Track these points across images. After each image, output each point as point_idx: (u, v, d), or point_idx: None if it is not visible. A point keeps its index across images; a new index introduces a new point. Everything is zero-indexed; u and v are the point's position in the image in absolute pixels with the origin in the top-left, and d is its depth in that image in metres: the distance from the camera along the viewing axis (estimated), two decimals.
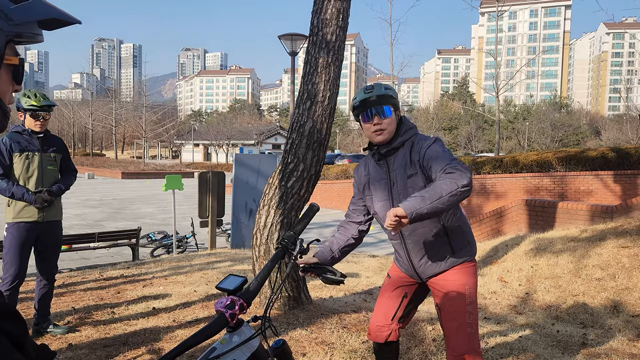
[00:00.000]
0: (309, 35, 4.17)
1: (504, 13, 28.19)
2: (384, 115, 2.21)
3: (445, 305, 2.27)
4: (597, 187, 12.84)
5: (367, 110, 2.23)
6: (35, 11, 0.87)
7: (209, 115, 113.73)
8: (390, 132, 2.24)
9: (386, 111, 2.21)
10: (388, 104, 2.22)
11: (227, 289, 1.33)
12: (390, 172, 2.28)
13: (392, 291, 2.45)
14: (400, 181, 2.24)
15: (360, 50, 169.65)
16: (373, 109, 2.21)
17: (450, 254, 2.26)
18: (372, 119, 2.22)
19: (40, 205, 3.74)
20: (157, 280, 5.74)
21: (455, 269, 2.26)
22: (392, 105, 2.23)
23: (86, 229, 13.02)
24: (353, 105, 2.29)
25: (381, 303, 2.46)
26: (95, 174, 41.29)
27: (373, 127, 2.23)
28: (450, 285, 2.25)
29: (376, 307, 2.49)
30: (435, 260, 2.27)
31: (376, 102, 2.21)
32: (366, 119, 2.24)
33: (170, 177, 9.48)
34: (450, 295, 2.25)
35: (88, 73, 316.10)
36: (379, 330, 2.42)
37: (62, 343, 3.62)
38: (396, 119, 2.27)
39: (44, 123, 3.83)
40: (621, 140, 51.06)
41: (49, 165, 3.88)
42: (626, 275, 5.20)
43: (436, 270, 2.29)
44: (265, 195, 4.24)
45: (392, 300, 2.43)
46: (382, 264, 7.50)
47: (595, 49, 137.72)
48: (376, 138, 2.25)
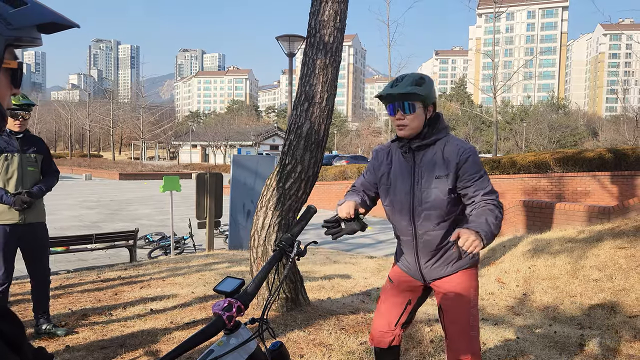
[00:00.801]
0: (307, 37, 4.17)
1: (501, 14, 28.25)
2: (408, 111, 2.18)
3: (449, 307, 2.27)
4: (594, 188, 12.87)
5: (392, 103, 2.20)
6: (34, 15, 0.87)
7: (206, 116, 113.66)
8: (413, 129, 2.20)
9: (410, 107, 2.17)
10: (412, 100, 2.17)
11: (224, 291, 1.33)
12: (416, 167, 2.24)
13: (394, 297, 2.41)
14: (426, 179, 2.21)
15: (358, 51, 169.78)
16: (397, 103, 2.18)
17: (458, 258, 2.25)
18: (394, 114, 2.20)
19: (20, 207, 3.68)
20: (154, 282, 5.73)
21: (461, 273, 2.26)
22: (420, 101, 2.18)
23: (83, 230, 12.99)
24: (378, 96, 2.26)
25: (384, 309, 2.42)
26: (93, 175, 41.18)
27: (396, 122, 2.21)
28: (455, 288, 2.24)
29: (378, 313, 2.45)
30: (443, 263, 2.27)
31: (399, 97, 2.17)
32: (391, 112, 2.22)
33: (168, 178, 9.47)
34: (454, 298, 2.24)
35: (85, 74, 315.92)
36: (382, 337, 2.39)
37: (59, 345, 3.61)
38: (426, 114, 2.22)
39: (23, 123, 3.77)
40: (618, 141, 51.15)
41: (29, 166, 3.82)
42: (623, 276, 5.21)
43: (442, 273, 2.28)
44: (263, 196, 4.24)
45: (395, 307, 2.39)
46: (380, 265, 7.50)
47: (592, 50, 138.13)
48: (399, 132, 2.23)
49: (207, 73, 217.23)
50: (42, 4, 0.90)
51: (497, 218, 2.04)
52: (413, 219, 2.24)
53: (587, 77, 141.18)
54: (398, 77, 2.24)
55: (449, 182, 2.16)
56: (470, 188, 2.14)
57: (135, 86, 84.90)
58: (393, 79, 2.24)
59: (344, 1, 4.10)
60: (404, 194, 2.25)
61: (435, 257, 2.26)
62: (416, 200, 2.22)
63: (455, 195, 2.19)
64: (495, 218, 2.03)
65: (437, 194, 2.18)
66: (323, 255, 8.58)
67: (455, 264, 2.26)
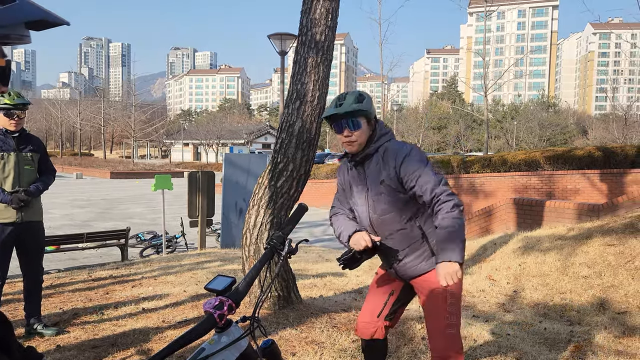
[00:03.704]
0: (298, 35, 4.17)
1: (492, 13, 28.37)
2: (354, 127, 2.24)
3: (426, 305, 2.31)
4: (584, 185, 12.99)
5: (337, 122, 2.26)
6: (22, 12, 0.87)
7: (198, 114, 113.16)
8: (362, 143, 2.28)
9: (356, 124, 2.23)
10: (358, 116, 2.23)
11: (215, 289, 1.34)
12: (366, 178, 2.31)
13: (379, 288, 2.48)
14: (373, 187, 2.28)
15: (350, 49, 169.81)
16: (343, 121, 2.24)
17: (430, 255, 2.27)
18: (342, 131, 2.26)
19: (17, 206, 3.68)
20: (146, 281, 5.71)
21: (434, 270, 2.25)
22: (363, 116, 2.24)
23: (74, 229, 12.91)
24: (324, 116, 2.31)
25: (369, 300, 2.49)
26: (84, 174, 40.91)
27: (344, 139, 2.27)
28: (431, 286, 2.26)
29: (364, 303, 2.52)
30: (413, 262, 2.29)
31: (345, 116, 2.23)
32: (338, 130, 2.28)
33: (160, 177, 9.43)
34: (430, 296, 2.27)
35: (76, 72, 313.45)
36: (364, 327, 2.45)
37: (50, 344, 3.59)
38: (370, 127, 2.28)
39: (19, 122, 3.75)
40: (607, 140, 51.61)
41: (26, 165, 3.82)
42: (612, 273, 5.27)
43: (416, 272, 2.30)
44: (255, 195, 4.24)
45: (378, 297, 2.45)
46: (371, 262, 7.52)
47: (582, 49, 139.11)
48: (348, 149, 2.31)
49: (198, 71, 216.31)
50: (31, 1, 0.90)
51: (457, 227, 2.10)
52: (372, 227, 2.32)
53: (577, 75, 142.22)
54: (339, 96, 2.29)
55: (394, 185, 2.22)
56: (415, 187, 2.19)
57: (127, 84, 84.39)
58: (335, 99, 2.29)
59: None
60: (361, 205, 2.35)
61: (405, 257, 2.30)
62: (371, 209, 2.30)
63: (404, 195, 2.24)
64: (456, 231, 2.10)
65: (386, 199, 2.25)
66: (315, 254, 8.59)
67: (429, 260, 2.27)
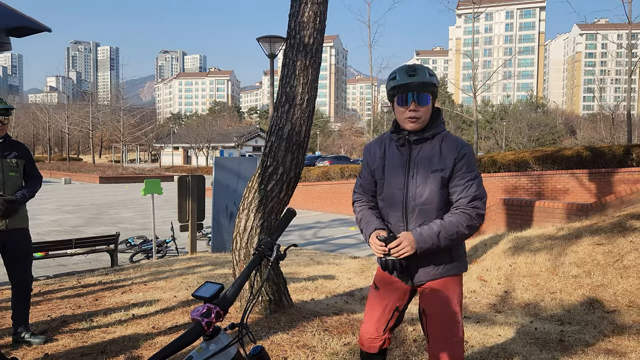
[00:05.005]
0: (287, 38, 4.16)
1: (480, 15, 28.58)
2: (423, 103, 2.08)
3: (432, 312, 2.19)
4: (572, 185, 13.10)
5: (405, 93, 2.08)
6: (2, 19, 0.86)
7: (188, 118, 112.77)
8: (424, 122, 2.12)
9: (426, 99, 2.08)
10: (429, 91, 2.08)
11: (203, 297, 1.32)
12: (411, 161, 2.15)
13: (382, 304, 2.30)
14: (421, 174, 2.13)
15: (340, 52, 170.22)
16: (412, 93, 2.07)
17: (448, 261, 2.18)
18: (408, 104, 2.08)
19: (2, 207, 3.61)
20: (136, 286, 5.66)
21: (448, 279, 2.19)
22: (432, 93, 2.10)
23: (63, 235, 12.79)
24: (392, 85, 2.11)
25: (372, 315, 2.33)
26: (73, 179, 40.56)
27: (408, 113, 2.09)
28: (440, 294, 2.17)
29: (366, 318, 2.35)
30: (431, 264, 2.18)
31: (417, 87, 2.05)
32: (401, 103, 2.10)
33: (149, 181, 9.37)
34: (439, 304, 2.17)
35: (64, 76, 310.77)
36: (371, 343, 2.32)
37: (37, 353, 3.55)
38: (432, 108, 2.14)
39: (2, 127, 3.70)
40: (595, 139, 52.15)
41: (11, 171, 3.76)
42: (601, 272, 5.31)
43: (429, 276, 2.19)
44: (245, 198, 4.22)
45: (383, 313, 2.30)
46: (363, 265, 7.52)
47: (569, 49, 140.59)
48: (408, 125, 2.12)
49: (188, 74, 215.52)
50: (10, 8, 0.88)
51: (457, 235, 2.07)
52: (406, 214, 2.17)
53: (565, 76, 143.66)
54: (408, 66, 2.11)
55: (445, 177, 2.10)
56: (460, 187, 2.09)
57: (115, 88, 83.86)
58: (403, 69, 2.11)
59: (323, 2, 4.10)
60: (397, 188, 2.17)
61: (424, 257, 2.14)
62: (410, 196, 2.14)
63: (446, 190, 2.14)
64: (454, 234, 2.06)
65: (432, 189, 2.11)
66: (307, 257, 8.57)
67: (445, 267, 2.18)
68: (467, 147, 2.14)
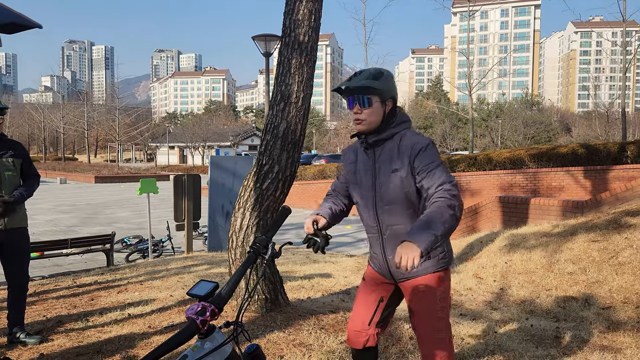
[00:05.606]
0: (282, 37, 4.15)
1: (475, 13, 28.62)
2: (363, 105, 2.15)
3: (416, 309, 2.23)
4: (568, 182, 13.15)
5: (347, 97, 2.19)
6: None
7: (184, 117, 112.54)
8: (370, 123, 2.17)
9: (364, 102, 2.15)
10: (368, 94, 2.14)
11: (198, 295, 1.32)
12: (375, 162, 2.22)
13: (367, 295, 2.37)
14: (384, 174, 2.18)
15: (335, 50, 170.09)
16: (353, 97, 2.16)
17: (427, 259, 2.19)
18: (352, 107, 2.18)
19: (0, 208, 3.60)
20: (132, 286, 5.65)
21: (430, 275, 2.20)
22: (376, 95, 2.15)
23: (59, 235, 12.75)
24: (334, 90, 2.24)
25: (357, 308, 2.39)
26: (68, 179, 40.39)
27: (354, 115, 2.19)
28: (421, 290, 2.19)
29: (353, 312, 2.42)
30: None
31: (356, 90, 2.15)
32: (349, 106, 2.20)
33: (145, 181, 9.34)
34: (421, 301, 2.20)
35: (59, 76, 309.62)
36: (356, 336, 2.35)
37: (33, 353, 3.53)
38: (384, 109, 2.18)
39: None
40: (590, 137, 52.31)
41: (7, 171, 3.74)
42: (596, 269, 5.33)
43: (410, 272, 2.20)
44: (241, 197, 4.22)
45: (368, 305, 2.35)
46: (359, 263, 7.53)
47: (564, 47, 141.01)
48: (356, 127, 2.22)
49: (183, 73, 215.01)
50: (0, 4, 0.88)
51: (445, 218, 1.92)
52: (377, 214, 2.23)
53: (560, 74, 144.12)
54: (357, 71, 2.22)
55: (405, 176, 2.13)
56: (425, 180, 2.08)
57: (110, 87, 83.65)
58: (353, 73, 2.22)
59: (318, 0, 4.10)
60: (367, 190, 2.25)
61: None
62: (378, 196, 2.21)
63: (414, 188, 2.16)
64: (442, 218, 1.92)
65: (394, 188, 2.16)
66: (303, 255, 8.57)
67: (423, 264, 2.19)
68: (422, 141, 2.14)
